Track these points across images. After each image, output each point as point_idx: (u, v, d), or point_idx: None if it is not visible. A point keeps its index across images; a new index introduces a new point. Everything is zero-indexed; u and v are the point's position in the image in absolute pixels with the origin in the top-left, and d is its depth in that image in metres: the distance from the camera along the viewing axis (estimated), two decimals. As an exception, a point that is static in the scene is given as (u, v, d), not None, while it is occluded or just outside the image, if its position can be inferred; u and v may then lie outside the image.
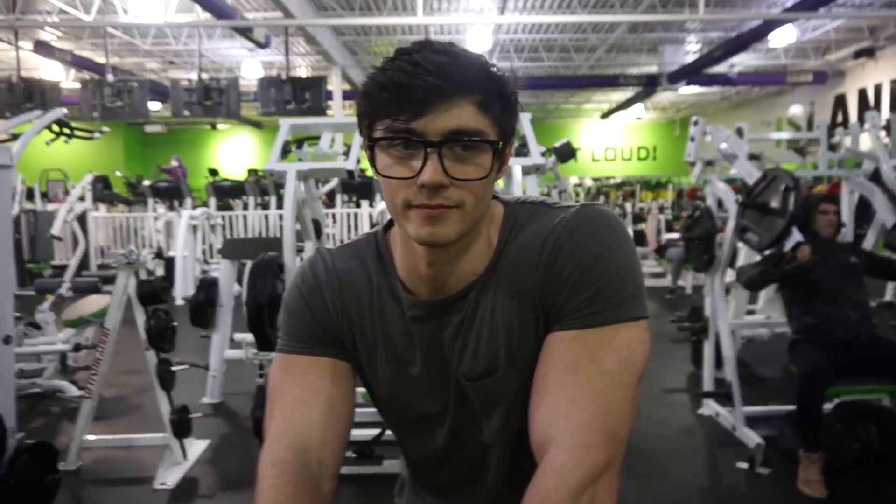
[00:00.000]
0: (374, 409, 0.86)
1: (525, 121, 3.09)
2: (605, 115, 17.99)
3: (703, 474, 3.08)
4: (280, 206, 10.18)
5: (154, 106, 11.17)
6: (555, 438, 0.65)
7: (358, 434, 3.24)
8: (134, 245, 9.27)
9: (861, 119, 9.06)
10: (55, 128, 3.35)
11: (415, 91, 0.62)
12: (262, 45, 8.32)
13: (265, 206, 10.27)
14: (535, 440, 0.68)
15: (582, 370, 0.67)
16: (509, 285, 0.74)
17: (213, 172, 14.27)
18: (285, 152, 2.59)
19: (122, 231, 9.90)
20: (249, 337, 3.98)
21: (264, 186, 10.84)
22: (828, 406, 2.93)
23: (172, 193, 10.10)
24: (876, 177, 4.54)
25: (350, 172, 2.48)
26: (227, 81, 8.39)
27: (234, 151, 19.05)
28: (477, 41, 11.58)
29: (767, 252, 3.12)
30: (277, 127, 2.59)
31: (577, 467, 0.62)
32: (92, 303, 4.34)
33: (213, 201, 10.06)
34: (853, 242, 3.75)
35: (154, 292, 2.92)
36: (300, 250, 2.77)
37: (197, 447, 3.23)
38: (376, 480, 2.83)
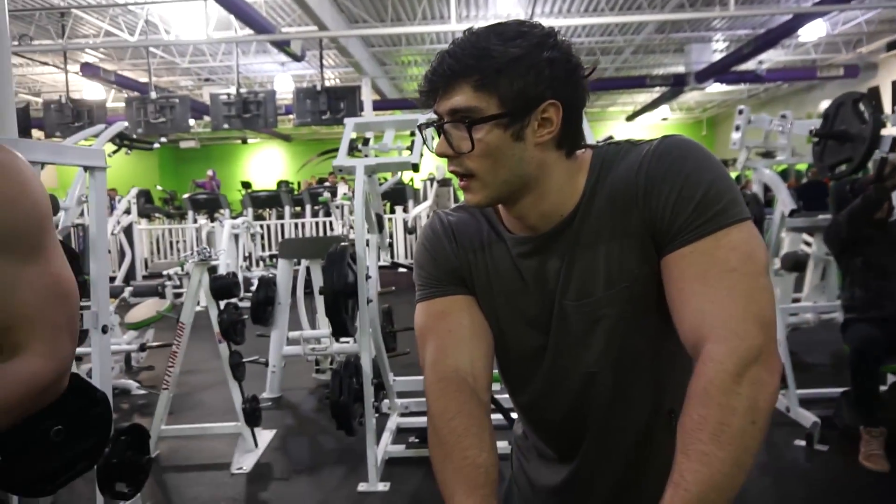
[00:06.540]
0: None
1: None
2: (631, 117, 17.94)
3: (761, 451, 3.11)
4: (314, 214, 10.49)
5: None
6: (706, 336, 0.69)
7: (416, 421, 3.36)
8: (177, 255, 9.54)
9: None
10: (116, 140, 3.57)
11: (430, 80, 0.77)
12: (298, 59, 8.56)
13: (297, 216, 10.54)
14: (688, 346, 0.74)
15: (711, 275, 0.71)
16: (608, 217, 0.80)
17: (246, 185, 14.64)
18: (351, 149, 2.74)
19: (163, 242, 10.21)
20: (307, 333, 4.14)
21: (298, 197, 11.14)
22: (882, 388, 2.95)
23: (211, 205, 10.40)
24: None
25: (415, 165, 2.62)
26: (264, 94, 8.66)
27: (263, 164, 19.47)
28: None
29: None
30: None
31: (732, 353, 0.67)
32: (150, 306, 4.52)
33: (250, 211, 10.32)
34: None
35: (227, 287, 3.08)
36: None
37: (265, 436, 3.37)
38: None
